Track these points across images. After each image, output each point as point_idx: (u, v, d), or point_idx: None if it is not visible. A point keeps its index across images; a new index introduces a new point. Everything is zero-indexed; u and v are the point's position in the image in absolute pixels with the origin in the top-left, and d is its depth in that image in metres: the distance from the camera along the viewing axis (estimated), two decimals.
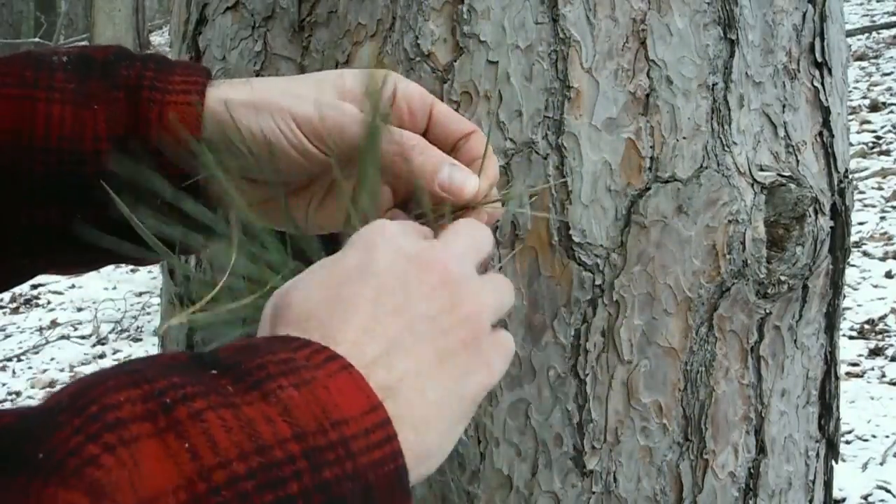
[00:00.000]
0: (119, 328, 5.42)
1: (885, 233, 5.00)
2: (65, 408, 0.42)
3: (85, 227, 0.67)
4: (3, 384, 4.83)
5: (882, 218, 5.20)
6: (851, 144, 3.90)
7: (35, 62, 0.66)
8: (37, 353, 5.17)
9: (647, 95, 0.77)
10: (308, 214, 0.72)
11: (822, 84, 0.85)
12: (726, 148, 0.79)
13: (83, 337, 5.35)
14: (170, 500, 0.40)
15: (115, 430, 0.41)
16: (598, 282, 0.77)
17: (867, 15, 9.44)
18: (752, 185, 0.80)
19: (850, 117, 6.26)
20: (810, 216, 0.81)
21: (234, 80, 0.69)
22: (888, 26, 8.41)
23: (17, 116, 0.65)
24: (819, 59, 0.84)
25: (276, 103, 0.66)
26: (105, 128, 0.65)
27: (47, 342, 5.27)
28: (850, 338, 3.97)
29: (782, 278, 0.81)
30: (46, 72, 0.66)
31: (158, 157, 0.66)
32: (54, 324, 5.58)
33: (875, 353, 3.86)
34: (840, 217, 0.86)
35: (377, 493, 0.46)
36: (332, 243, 0.80)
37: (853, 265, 4.55)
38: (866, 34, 8.51)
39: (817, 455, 0.90)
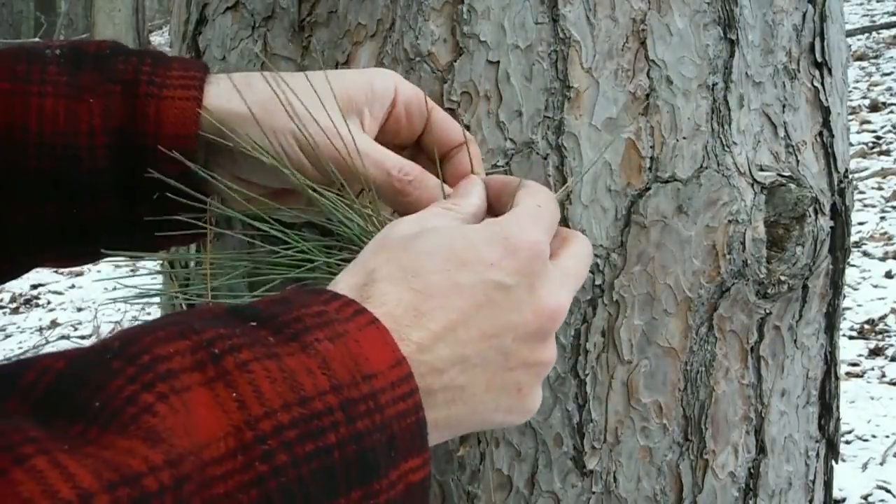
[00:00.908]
0: (119, 328, 5.42)
1: (885, 233, 5.00)
2: (117, 353, 0.43)
3: (82, 222, 0.67)
4: None
5: (882, 218, 5.20)
6: (851, 144, 3.89)
7: (27, 56, 0.66)
8: (37, 353, 5.16)
9: (647, 95, 0.77)
10: (302, 205, 0.72)
11: (822, 84, 0.85)
12: (726, 148, 0.79)
13: (83, 337, 5.35)
14: (220, 446, 0.42)
15: (167, 380, 0.42)
16: (598, 282, 0.77)
17: (867, 15, 9.44)
18: (752, 185, 0.80)
19: (850, 117, 6.26)
20: (810, 216, 0.81)
21: (235, 76, 0.69)
22: (888, 26, 8.41)
23: (10, 111, 0.64)
24: (819, 59, 0.84)
25: (279, 122, 0.65)
26: (100, 122, 0.65)
27: (47, 342, 5.27)
28: (850, 338, 3.97)
29: (782, 278, 0.81)
30: (38, 65, 0.65)
31: (155, 152, 0.65)
32: (54, 324, 5.58)
33: (875, 353, 3.86)
34: (840, 217, 0.86)
35: (400, 442, 0.48)
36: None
37: (853, 265, 4.55)
38: (866, 34, 8.51)
39: (817, 455, 0.90)
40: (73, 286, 5.97)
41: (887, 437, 3.23)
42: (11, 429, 0.37)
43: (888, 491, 2.95)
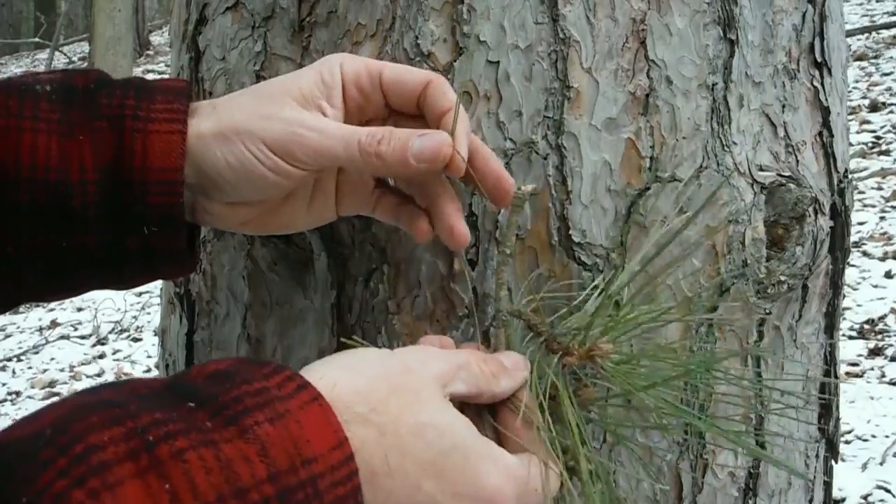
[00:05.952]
0: (119, 328, 5.42)
1: (885, 233, 5.00)
2: (48, 441, 0.42)
3: (72, 255, 0.67)
4: (3, 384, 4.84)
5: (882, 218, 5.20)
6: (851, 144, 3.89)
7: (18, 91, 0.66)
8: (37, 353, 5.17)
9: (647, 95, 0.77)
10: (301, 215, 0.73)
11: (822, 84, 0.85)
12: (726, 148, 0.79)
13: (83, 337, 5.35)
14: None
15: (99, 474, 0.41)
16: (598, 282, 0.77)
17: (867, 15, 9.44)
18: (752, 185, 0.80)
19: (850, 117, 6.26)
20: (810, 216, 0.81)
21: (203, 104, 0.69)
22: (888, 26, 8.41)
23: (3, 146, 0.64)
24: (819, 59, 0.84)
25: (245, 130, 0.66)
26: (91, 158, 0.65)
27: (47, 342, 5.28)
28: (850, 338, 3.97)
29: (782, 278, 0.81)
30: (31, 101, 0.66)
31: (143, 186, 0.66)
32: (54, 324, 5.58)
33: (875, 353, 3.86)
34: (840, 217, 0.86)
35: None
36: (332, 240, 0.80)
37: (853, 265, 4.55)
38: (866, 34, 8.51)
39: (817, 455, 0.90)
40: None
41: (887, 437, 3.23)
42: None
43: (888, 491, 2.95)
